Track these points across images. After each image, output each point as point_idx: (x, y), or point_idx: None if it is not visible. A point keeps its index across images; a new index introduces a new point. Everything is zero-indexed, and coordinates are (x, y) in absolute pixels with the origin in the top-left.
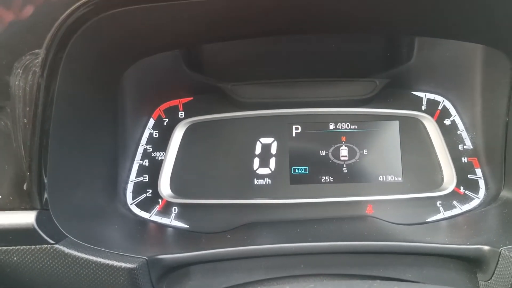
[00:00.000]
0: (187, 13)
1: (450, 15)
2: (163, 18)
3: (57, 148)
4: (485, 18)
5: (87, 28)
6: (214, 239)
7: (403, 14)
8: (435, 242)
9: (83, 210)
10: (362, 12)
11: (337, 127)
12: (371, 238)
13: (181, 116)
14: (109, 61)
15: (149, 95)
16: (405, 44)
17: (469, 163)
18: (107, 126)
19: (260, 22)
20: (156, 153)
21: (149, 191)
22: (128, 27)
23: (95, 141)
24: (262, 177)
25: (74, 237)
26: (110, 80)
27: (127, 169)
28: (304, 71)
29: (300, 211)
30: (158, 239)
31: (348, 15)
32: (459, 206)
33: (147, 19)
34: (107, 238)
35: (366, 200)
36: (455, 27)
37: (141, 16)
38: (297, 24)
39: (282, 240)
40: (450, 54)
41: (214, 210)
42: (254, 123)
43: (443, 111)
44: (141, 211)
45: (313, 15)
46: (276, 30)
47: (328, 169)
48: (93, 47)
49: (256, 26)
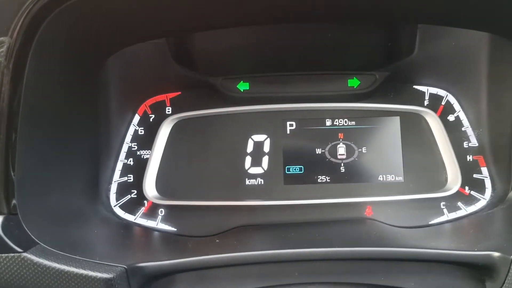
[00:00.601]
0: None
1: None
2: (144, 1)
3: (27, 146)
4: (492, 3)
5: (59, 12)
6: (201, 244)
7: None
8: (441, 247)
9: (58, 214)
10: None
11: (334, 123)
12: (371, 244)
13: (168, 111)
14: (86, 50)
15: (133, 89)
16: (407, 35)
17: (475, 162)
18: (87, 122)
19: (252, 7)
20: (141, 151)
21: (134, 192)
22: (106, 12)
23: (73, 138)
24: (254, 177)
25: (46, 244)
26: (88, 72)
27: (110, 169)
28: (299, 64)
29: (295, 213)
30: (141, 244)
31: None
32: (464, 208)
33: (127, 3)
34: (85, 244)
35: (365, 202)
36: (460, 13)
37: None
38: (292, 10)
39: (275, 246)
40: (454, 44)
41: (203, 212)
42: (245, 119)
43: (446, 107)
44: (125, 214)
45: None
46: (269, 17)
47: (325, 168)
48: (67, 34)
49: (247, 11)
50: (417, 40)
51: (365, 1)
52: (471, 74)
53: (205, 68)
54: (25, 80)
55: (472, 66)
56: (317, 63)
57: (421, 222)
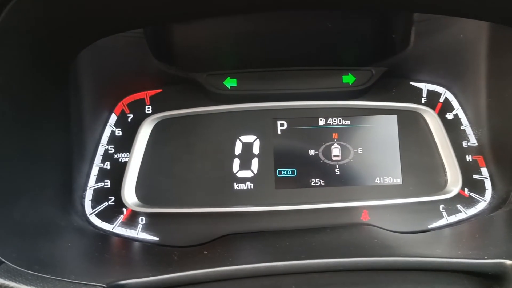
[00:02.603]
0: None
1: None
2: None
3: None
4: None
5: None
6: (188, 256)
7: None
8: (448, 255)
9: (26, 226)
10: None
11: (327, 122)
12: (373, 252)
13: (148, 111)
14: (55, 41)
15: (109, 86)
16: (401, 26)
17: (474, 162)
18: (58, 123)
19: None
20: (119, 154)
21: (112, 199)
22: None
23: (42, 141)
24: (243, 181)
25: (13, 262)
26: (58, 66)
27: (84, 174)
28: (290, 59)
29: (287, 220)
30: (121, 258)
31: None
32: (464, 210)
33: None
34: (58, 260)
35: (362, 206)
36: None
37: None
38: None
39: (269, 257)
40: (451, 37)
41: (188, 220)
42: (233, 119)
43: (445, 104)
44: (102, 223)
45: None
46: (254, 3)
47: (318, 170)
48: (32, 22)
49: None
50: (412, 33)
51: None
52: (470, 69)
53: (188, 63)
54: None
55: (470, 60)
56: (310, 58)
57: (420, 226)
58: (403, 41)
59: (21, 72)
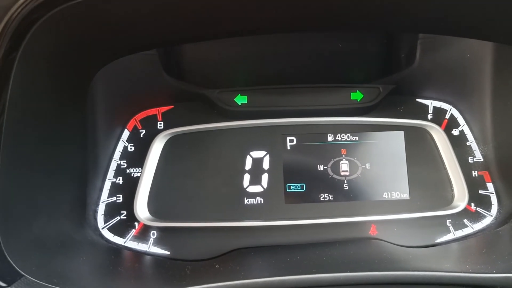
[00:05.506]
0: (163, 3)
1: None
2: (135, 9)
3: (9, 167)
4: (501, 10)
5: (46, 21)
6: (200, 270)
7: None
8: (456, 269)
9: (44, 241)
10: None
11: (336, 138)
12: (382, 266)
13: (160, 127)
14: (75, 62)
15: (122, 102)
16: (407, 44)
17: (480, 177)
18: (74, 139)
19: (248, 15)
20: (131, 169)
21: (124, 213)
22: (96, 21)
23: (59, 157)
24: (253, 196)
25: (33, 276)
26: (77, 85)
27: (97, 188)
28: (299, 76)
29: (297, 234)
30: (135, 271)
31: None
32: (470, 225)
33: (117, 11)
34: (74, 274)
35: (370, 220)
36: (460, 21)
37: (110, 7)
38: (288, 19)
39: (281, 271)
40: (456, 55)
41: (199, 234)
42: (243, 135)
43: (451, 120)
44: (114, 236)
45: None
46: (265, 25)
47: (327, 186)
48: (54, 45)
49: (244, 19)
50: (418, 50)
51: (365, 10)
52: (475, 86)
53: (200, 80)
54: (9, 92)
55: (475, 77)
56: (319, 75)
57: (427, 241)
58: (409, 58)
59: (44, 91)
